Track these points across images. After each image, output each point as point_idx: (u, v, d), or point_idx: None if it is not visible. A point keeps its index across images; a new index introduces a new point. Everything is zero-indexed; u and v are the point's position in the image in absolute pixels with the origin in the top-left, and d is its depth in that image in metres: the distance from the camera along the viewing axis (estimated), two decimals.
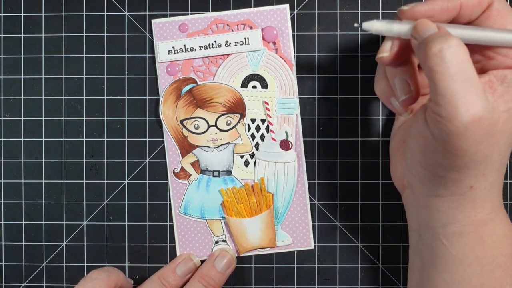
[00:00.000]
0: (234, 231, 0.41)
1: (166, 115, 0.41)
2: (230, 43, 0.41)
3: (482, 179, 0.30)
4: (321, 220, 0.42)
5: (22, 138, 0.42)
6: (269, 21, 0.41)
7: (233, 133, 0.41)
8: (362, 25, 0.32)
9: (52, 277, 0.42)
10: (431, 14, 0.31)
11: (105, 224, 0.42)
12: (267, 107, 0.41)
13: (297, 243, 0.42)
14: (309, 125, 0.41)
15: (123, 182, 0.42)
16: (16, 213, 0.42)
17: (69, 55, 0.42)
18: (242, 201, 0.41)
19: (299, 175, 0.41)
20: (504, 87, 0.31)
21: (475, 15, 0.31)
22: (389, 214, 0.42)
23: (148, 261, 0.42)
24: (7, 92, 0.42)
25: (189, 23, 0.41)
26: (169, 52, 0.41)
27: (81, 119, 0.42)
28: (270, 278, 0.42)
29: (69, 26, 0.42)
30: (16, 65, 0.42)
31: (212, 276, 0.39)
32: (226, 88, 0.41)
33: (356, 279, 0.42)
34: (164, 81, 0.41)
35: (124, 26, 0.42)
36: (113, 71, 0.42)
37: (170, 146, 0.41)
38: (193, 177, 0.41)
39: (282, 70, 0.41)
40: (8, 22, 0.42)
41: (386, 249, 0.42)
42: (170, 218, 0.42)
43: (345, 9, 0.41)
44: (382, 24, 0.31)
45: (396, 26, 0.31)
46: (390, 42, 0.32)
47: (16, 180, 0.42)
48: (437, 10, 0.31)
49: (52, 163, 0.42)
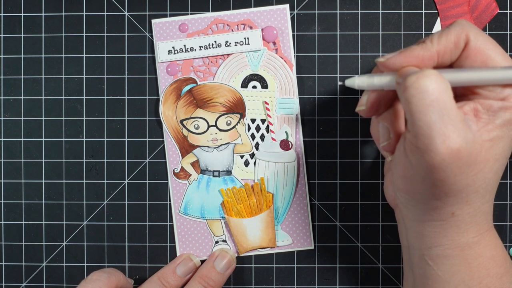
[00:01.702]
0: (234, 231, 0.41)
1: (166, 115, 0.41)
2: (230, 43, 0.41)
3: (464, 206, 0.30)
4: (321, 220, 0.42)
5: (22, 138, 0.42)
6: (269, 21, 0.41)
7: (233, 133, 0.41)
8: (345, 83, 0.33)
9: (52, 277, 0.42)
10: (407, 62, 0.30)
11: (105, 224, 0.42)
12: (267, 107, 0.41)
13: (297, 243, 0.42)
14: (309, 125, 0.41)
15: (123, 182, 0.42)
16: (16, 213, 0.42)
17: (69, 55, 0.42)
18: (242, 201, 0.41)
19: (299, 175, 0.41)
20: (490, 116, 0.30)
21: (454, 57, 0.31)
22: (389, 214, 0.42)
23: (148, 261, 0.42)
24: (7, 92, 0.42)
25: (189, 23, 0.41)
26: (169, 52, 0.41)
27: (81, 119, 0.42)
28: (270, 278, 0.42)
29: (69, 26, 0.42)
30: (16, 65, 0.42)
31: (212, 277, 0.39)
32: (226, 88, 0.41)
33: (356, 279, 0.42)
34: (164, 81, 0.41)
35: (124, 26, 0.42)
36: (113, 71, 0.42)
37: (170, 146, 0.41)
38: (193, 177, 0.41)
39: (282, 70, 0.41)
40: (8, 22, 0.42)
41: (386, 249, 0.42)
42: (170, 218, 0.42)
43: (345, 9, 0.41)
44: (362, 80, 0.32)
45: (377, 79, 0.31)
46: (366, 96, 0.32)
47: (16, 180, 0.42)
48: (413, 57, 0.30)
49: (52, 163, 0.42)
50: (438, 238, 0.31)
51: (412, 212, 0.31)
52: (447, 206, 0.30)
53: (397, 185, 0.31)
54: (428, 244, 0.31)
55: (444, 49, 0.30)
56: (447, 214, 0.30)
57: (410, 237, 0.33)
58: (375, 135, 0.35)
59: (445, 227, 0.31)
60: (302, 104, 0.41)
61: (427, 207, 0.30)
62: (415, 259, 0.33)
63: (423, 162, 0.28)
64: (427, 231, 0.31)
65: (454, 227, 0.30)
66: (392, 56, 0.31)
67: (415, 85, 0.27)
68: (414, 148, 0.28)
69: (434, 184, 0.28)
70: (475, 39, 0.30)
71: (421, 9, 0.41)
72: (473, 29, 0.30)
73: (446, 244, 0.31)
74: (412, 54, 0.30)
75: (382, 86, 0.31)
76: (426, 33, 0.41)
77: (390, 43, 0.41)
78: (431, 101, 0.27)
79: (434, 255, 0.31)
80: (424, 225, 0.31)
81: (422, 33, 0.41)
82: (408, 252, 0.34)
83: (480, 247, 0.31)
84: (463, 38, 0.30)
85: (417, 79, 0.27)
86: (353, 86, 0.33)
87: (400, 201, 0.32)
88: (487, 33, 0.41)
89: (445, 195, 0.29)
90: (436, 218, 0.30)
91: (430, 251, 0.31)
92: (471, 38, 0.30)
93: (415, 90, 0.27)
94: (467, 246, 0.31)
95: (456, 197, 0.29)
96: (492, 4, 0.41)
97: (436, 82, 0.27)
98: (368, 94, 0.32)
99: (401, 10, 0.41)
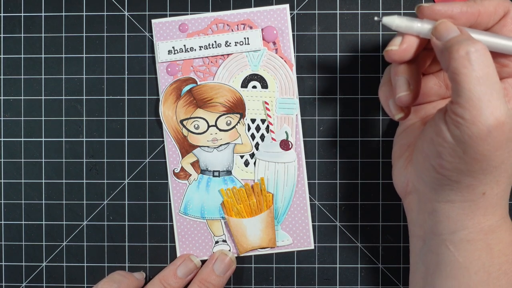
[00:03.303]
0: (234, 231, 0.41)
1: (166, 115, 0.41)
2: (230, 43, 0.41)
3: (495, 186, 0.30)
4: (321, 220, 0.42)
5: (22, 138, 0.42)
6: (269, 21, 0.41)
7: (233, 133, 0.41)
8: (383, 20, 0.32)
9: (52, 277, 0.42)
10: (449, 15, 0.31)
11: (105, 224, 0.42)
12: (267, 107, 0.41)
13: (297, 243, 0.42)
14: (309, 125, 0.41)
15: (123, 182, 0.42)
16: (16, 213, 0.42)
17: (69, 55, 0.42)
18: (242, 201, 0.41)
19: (299, 175, 0.41)
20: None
21: (491, 23, 0.32)
22: (389, 214, 0.42)
23: (148, 261, 0.42)
24: (7, 92, 0.42)
25: (189, 23, 0.41)
26: (169, 52, 0.41)
27: (81, 119, 0.42)
28: (270, 278, 0.42)
29: (69, 26, 0.42)
30: (16, 65, 0.42)
31: (211, 281, 0.39)
32: (226, 88, 0.41)
33: (356, 279, 0.42)
34: (164, 81, 0.41)
35: (124, 26, 0.42)
36: (113, 71, 0.42)
37: (170, 146, 0.41)
38: (193, 177, 0.41)
39: (282, 70, 0.41)
40: (8, 22, 0.42)
41: (386, 249, 0.42)
42: (170, 218, 0.42)
43: (345, 9, 0.41)
44: (402, 21, 0.31)
45: (417, 25, 0.31)
46: (401, 38, 0.32)
47: (16, 180, 0.42)
48: (456, 12, 0.31)
49: (52, 163, 0.42)
50: (464, 220, 0.31)
51: (439, 193, 0.31)
52: (481, 184, 0.30)
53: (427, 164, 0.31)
54: (452, 228, 0.31)
55: (485, 11, 0.31)
56: (478, 193, 0.30)
57: (428, 223, 0.33)
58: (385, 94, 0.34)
59: (473, 209, 0.31)
60: (302, 104, 0.41)
61: (459, 186, 0.30)
62: (432, 246, 0.33)
63: (469, 134, 0.28)
64: (455, 213, 0.31)
65: (482, 209, 0.31)
66: (435, 5, 0.31)
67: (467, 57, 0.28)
68: (460, 120, 0.28)
69: (475, 158, 0.29)
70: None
71: None
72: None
73: (471, 227, 0.31)
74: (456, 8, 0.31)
75: (420, 32, 0.31)
76: None
77: None
78: (482, 75, 0.27)
79: (457, 240, 0.31)
80: (452, 206, 0.31)
81: None
82: (421, 241, 0.34)
83: (501, 231, 0.32)
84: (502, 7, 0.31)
85: (468, 52, 0.28)
86: (391, 25, 0.32)
87: (425, 184, 0.32)
88: None
89: (482, 171, 0.29)
90: (466, 198, 0.31)
91: (454, 236, 0.31)
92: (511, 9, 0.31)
93: (467, 62, 0.28)
94: (490, 230, 0.31)
95: (491, 174, 0.30)
96: None
97: (485, 56, 0.28)
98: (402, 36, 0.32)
99: (401, 10, 0.41)
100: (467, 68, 0.28)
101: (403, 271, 0.42)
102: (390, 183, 0.41)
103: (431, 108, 0.36)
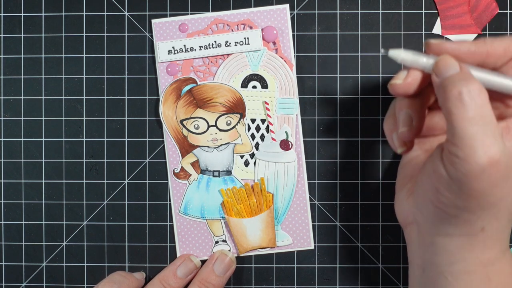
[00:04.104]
0: (234, 231, 0.41)
1: (166, 115, 0.41)
2: (230, 43, 0.41)
3: (494, 222, 0.30)
4: (321, 220, 0.42)
5: (22, 138, 0.42)
6: (269, 21, 0.41)
7: (233, 133, 0.41)
8: (389, 53, 0.32)
9: (52, 277, 0.42)
10: (457, 53, 0.31)
11: (105, 224, 0.42)
12: (267, 107, 0.41)
13: (297, 243, 0.42)
14: (309, 125, 0.41)
15: (123, 182, 0.42)
16: (16, 213, 0.42)
17: (69, 55, 0.42)
18: (242, 201, 0.41)
19: (299, 175, 0.41)
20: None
21: (499, 63, 0.31)
22: (389, 214, 0.42)
23: (148, 261, 0.42)
24: (7, 92, 0.42)
25: (189, 23, 0.41)
26: (169, 52, 0.41)
27: (81, 119, 0.42)
28: (270, 278, 0.42)
29: (69, 26, 0.42)
30: (16, 65, 0.42)
31: (211, 281, 0.39)
32: (226, 88, 0.41)
33: (356, 279, 0.42)
34: (164, 81, 0.41)
35: (124, 26, 0.42)
36: (113, 71, 0.42)
37: (170, 146, 0.41)
38: (193, 177, 0.41)
39: (282, 70, 0.41)
40: (8, 22, 0.42)
41: (386, 249, 0.42)
42: (170, 218, 0.42)
43: (345, 9, 0.41)
44: (408, 55, 0.31)
45: (422, 60, 0.31)
46: (406, 72, 0.32)
47: (16, 180, 0.42)
48: (463, 51, 0.31)
49: (52, 163, 0.42)
50: (463, 253, 0.31)
51: (437, 226, 0.31)
52: (479, 220, 0.30)
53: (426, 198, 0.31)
54: (451, 260, 0.31)
55: (494, 52, 0.31)
56: (477, 228, 0.30)
57: (429, 254, 0.32)
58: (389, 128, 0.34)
59: (472, 242, 0.31)
60: (302, 104, 0.41)
61: (458, 220, 0.30)
62: (431, 277, 0.32)
63: (462, 172, 0.28)
64: (453, 246, 0.31)
65: (481, 243, 0.31)
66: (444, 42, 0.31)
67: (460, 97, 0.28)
68: (454, 158, 0.28)
69: (470, 195, 0.28)
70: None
71: (421, 9, 0.41)
72: None
73: (469, 260, 0.31)
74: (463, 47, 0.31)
75: (425, 68, 0.31)
76: (426, 33, 0.41)
77: (390, 43, 0.41)
78: (474, 115, 0.27)
79: (456, 271, 0.31)
80: (451, 239, 0.31)
81: (422, 33, 0.41)
82: (420, 270, 0.33)
83: (501, 264, 0.31)
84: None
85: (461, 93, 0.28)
86: (397, 58, 0.32)
87: (424, 216, 0.32)
88: (487, 33, 0.41)
89: (479, 207, 0.29)
90: (465, 232, 0.30)
91: (452, 267, 0.31)
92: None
93: (459, 103, 0.27)
94: (489, 263, 0.31)
95: (490, 210, 0.29)
96: (492, 4, 0.41)
97: (479, 95, 0.28)
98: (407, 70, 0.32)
99: (401, 10, 0.41)
100: (459, 109, 0.27)
101: (403, 271, 0.42)
102: (390, 183, 0.41)
103: (436, 142, 0.36)
